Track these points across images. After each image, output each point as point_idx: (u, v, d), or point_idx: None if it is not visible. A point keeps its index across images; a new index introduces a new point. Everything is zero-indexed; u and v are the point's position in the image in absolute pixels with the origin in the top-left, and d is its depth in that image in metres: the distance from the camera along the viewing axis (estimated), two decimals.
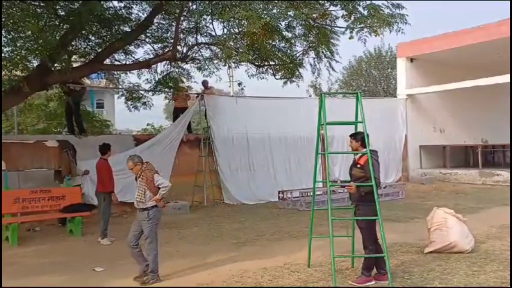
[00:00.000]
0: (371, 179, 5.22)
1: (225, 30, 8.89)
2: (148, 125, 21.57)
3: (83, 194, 9.63)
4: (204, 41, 10.16)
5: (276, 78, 10.57)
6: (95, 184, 9.13)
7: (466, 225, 6.77)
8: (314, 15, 8.21)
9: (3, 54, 7.72)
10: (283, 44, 9.51)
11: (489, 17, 46.09)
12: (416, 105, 17.70)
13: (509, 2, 18.72)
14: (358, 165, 5.49)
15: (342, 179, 14.68)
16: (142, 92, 10.89)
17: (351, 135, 5.71)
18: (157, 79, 10.68)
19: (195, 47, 10.17)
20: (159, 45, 10.24)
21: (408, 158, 17.35)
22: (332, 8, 8.56)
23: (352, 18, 8.17)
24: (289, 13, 7.70)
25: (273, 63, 10.19)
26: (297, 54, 9.91)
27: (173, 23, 9.58)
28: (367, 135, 5.57)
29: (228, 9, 7.14)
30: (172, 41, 9.56)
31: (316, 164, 6.30)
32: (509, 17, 14.34)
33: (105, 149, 8.36)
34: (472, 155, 18.36)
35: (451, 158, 17.75)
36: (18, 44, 7.74)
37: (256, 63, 10.10)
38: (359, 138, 5.59)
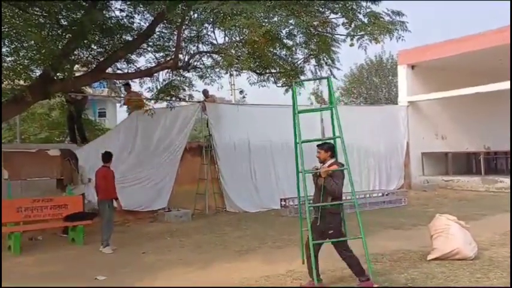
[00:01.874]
0: (335, 193, 5.27)
1: (226, 38, 8.94)
2: None
3: (89, 202, 9.67)
4: (205, 50, 10.20)
5: (277, 86, 10.59)
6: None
7: (469, 232, 6.74)
8: (315, 23, 8.24)
9: (6, 64, 7.78)
10: (284, 52, 9.54)
11: (489, 21, 46.27)
12: (417, 112, 17.70)
13: (509, 2, 18.76)
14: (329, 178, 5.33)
15: (344, 188, 14.74)
16: (144, 101, 10.94)
17: (319, 146, 5.57)
18: (159, 87, 10.71)
19: (197, 56, 10.22)
20: (161, 53, 10.29)
21: (410, 165, 17.32)
22: (332, 15, 8.60)
23: (353, 25, 8.19)
24: (290, 21, 7.72)
25: (274, 70, 10.21)
26: (298, 62, 9.94)
27: (175, 32, 9.63)
28: (344, 150, 5.47)
29: (229, 17, 7.17)
30: (174, 49, 9.61)
31: (297, 172, 5.98)
32: (510, 23, 14.39)
33: (107, 157, 8.38)
34: (475, 162, 18.32)
35: (453, 164, 17.71)
36: (21, 54, 7.80)
37: (258, 71, 10.12)
38: (327, 148, 5.50)
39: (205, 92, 13.25)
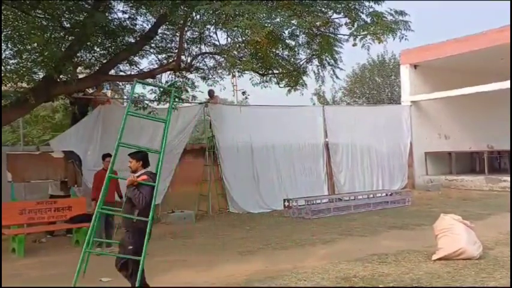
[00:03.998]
0: (142, 208, 4.82)
1: (229, 39, 8.95)
2: None
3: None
4: (208, 51, 10.22)
5: (280, 87, 10.59)
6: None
7: (474, 231, 6.71)
8: (317, 23, 8.24)
9: (9, 67, 7.80)
10: (286, 52, 9.55)
11: (493, 20, 46.01)
12: (420, 111, 17.66)
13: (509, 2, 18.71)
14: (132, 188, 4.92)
15: (347, 188, 14.75)
16: (147, 102, 10.94)
17: (130, 154, 5.21)
18: (162, 89, 10.73)
19: (199, 57, 10.23)
20: (164, 55, 10.31)
21: (414, 164, 17.28)
22: (335, 16, 8.60)
23: (356, 25, 8.20)
24: (292, 21, 7.73)
25: (277, 71, 10.21)
26: (301, 62, 9.94)
27: (177, 33, 9.64)
28: (160, 164, 5.01)
29: (231, 18, 7.18)
30: (176, 51, 9.62)
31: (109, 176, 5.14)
32: (510, 22, 14.36)
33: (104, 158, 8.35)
34: (478, 161, 18.26)
35: (456, 164, 17.66)
36: (24, 56, 7.83)
37: (260, 72, 10.13)
38: (139, 157, 5.14)
39: (210, 93, 13.25)
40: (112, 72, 9.88)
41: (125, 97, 11.97)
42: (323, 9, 8.43)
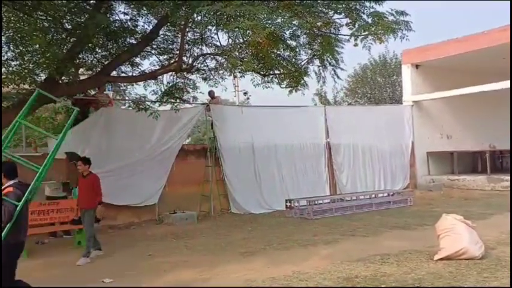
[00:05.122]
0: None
1: (230, 40, 8.96)
2: None
3: None
4: (209, 52, 10.23)
5: (281, 87, 10.59)
6: None
7: (476, 231, 6.71)
8: (318, 23, 8.24)
9: (11, 68, 7.83)
10: (287, 53, 9.55)
11: (495, 20, 46.01)
12: (422, 111, 17.66)
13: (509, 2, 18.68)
14: None
15: (349, 188, 14.75)
16: (148, 103, 10.95)
17: None
18: (163, 90, 10.73)
19: (201, 58, 10.24)
20: (165, 56, 10.31)
21: (416, 164, 17.27)
22: (336, 16, 8.61)
23: (356, 26, 8.20)
24: (293, 22, 7.73)
25: (278, 72, 10.22)
26: (302, 63, 9.94)
27: (178, 35, 9.65)
28: (43, 175, 4.94)
29: (232, 19, 7.19)
30: (177, 52, 9.63)
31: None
32: (510, 22, 14.35)
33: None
34: (480, 161, 18.24)
35: (458, 164, 17.64)
36: (26, 58, 7.85)
37: (262, 73, 10.13)
38: (3, 169, 4.96)
39: (210, 93, 13.27)
40: (114, 73, 9.90)
41: (126, 98, 11.97)
42: (324, 9, 8.44)
